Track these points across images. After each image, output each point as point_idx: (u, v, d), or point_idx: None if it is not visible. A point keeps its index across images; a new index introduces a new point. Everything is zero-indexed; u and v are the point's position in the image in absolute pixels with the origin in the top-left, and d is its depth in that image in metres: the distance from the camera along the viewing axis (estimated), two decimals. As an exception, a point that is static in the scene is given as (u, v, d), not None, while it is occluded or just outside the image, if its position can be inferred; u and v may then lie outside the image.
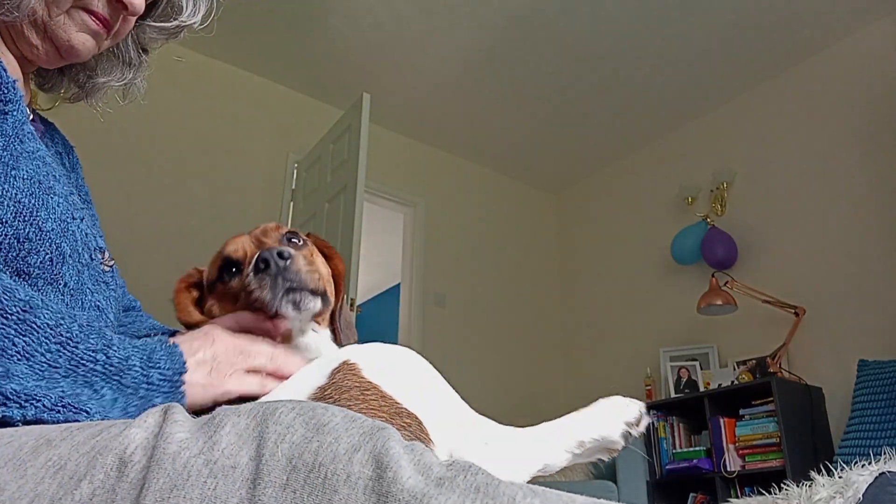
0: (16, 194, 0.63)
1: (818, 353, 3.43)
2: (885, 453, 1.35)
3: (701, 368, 3.83)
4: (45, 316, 0.56)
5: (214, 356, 0.65)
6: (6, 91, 0.66)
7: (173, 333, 0.84)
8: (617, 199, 4.86)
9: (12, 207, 0.63)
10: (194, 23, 0.88)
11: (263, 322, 0.72)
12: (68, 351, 0.56)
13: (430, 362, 0.66)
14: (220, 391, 0.64)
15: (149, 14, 0.87)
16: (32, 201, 0.65)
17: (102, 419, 0.55)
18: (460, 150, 4.87)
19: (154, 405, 0.55)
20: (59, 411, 0.53)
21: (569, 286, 5.07)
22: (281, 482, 0.41)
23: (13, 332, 0.54)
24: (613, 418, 0.66)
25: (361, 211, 3.25)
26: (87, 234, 0.75)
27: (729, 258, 3.83)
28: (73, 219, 0.72)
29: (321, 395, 0.59)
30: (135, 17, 0.81)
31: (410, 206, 4.57)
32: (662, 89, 4.17)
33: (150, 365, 0.60)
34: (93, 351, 0.57)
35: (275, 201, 4.04)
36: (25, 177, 0.65)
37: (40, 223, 0.65)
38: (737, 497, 3.11)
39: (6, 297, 0.55)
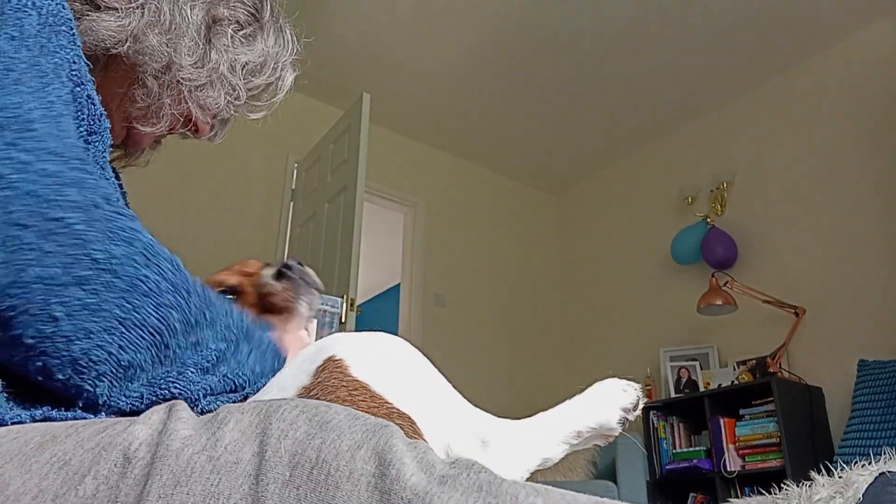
0: None
1: (818, 353, 3.43)
2: (885, 453, 1.35)
3: (701, 368, 3.83)
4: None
5: None
6: (95, 122, 0.68)
7: None
8: (617, 199, 4.86)
9: None
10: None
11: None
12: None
13: (430, 363, 0.63)
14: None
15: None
16: None
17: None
18: (460, 150, 4.87)
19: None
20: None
21: (569, 286, 5.06)
22: (284, 478, 0.41)
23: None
24: (610, 405, 0.64)
25: (361, 211, 3.25)
26: None
27: (729, 258, 3.84)
28: None
29: (306, 395, 0.56)
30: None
31: (410, 206, 4.57)
32: (662, 89, 4.17)
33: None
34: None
35: (275, 201, 4.04)
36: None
37: None
38: (737, 497, 3.11)
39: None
